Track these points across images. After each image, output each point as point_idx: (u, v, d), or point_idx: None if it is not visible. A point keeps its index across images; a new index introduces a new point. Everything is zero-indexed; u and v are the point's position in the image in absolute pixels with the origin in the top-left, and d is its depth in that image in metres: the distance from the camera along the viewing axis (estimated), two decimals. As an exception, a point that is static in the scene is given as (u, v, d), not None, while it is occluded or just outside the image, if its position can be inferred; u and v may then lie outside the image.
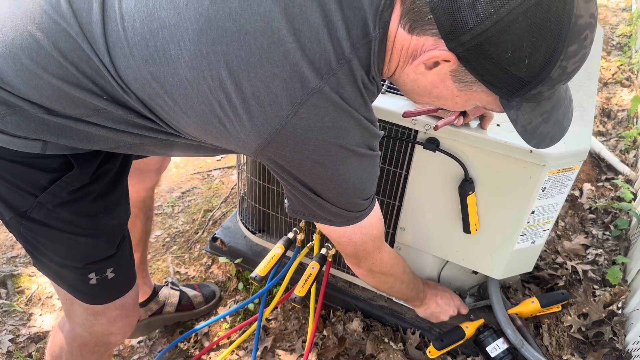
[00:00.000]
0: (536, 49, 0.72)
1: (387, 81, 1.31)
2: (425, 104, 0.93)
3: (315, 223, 1.03)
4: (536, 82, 0.76)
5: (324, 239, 1.58)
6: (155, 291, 1.72)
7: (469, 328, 1.52)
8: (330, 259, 1.52)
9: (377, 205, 1.06)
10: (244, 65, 0.78)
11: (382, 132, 0.93)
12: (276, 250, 1.48)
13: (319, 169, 0.87)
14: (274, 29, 0.77)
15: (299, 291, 1.39)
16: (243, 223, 1.84)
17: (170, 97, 0.82)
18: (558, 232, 1.97)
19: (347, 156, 0.87)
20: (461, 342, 1.52)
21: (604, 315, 1.64)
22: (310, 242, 1.61)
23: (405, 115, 1.20)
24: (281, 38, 0.77)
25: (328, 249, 1.51)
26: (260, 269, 1.44)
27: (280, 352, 1.65)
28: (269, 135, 0.82)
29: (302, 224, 1.56)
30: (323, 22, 0.78)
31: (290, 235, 1.54)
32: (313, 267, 1.43)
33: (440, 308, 1.51)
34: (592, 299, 1.66)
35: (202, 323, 1.75)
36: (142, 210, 1.52)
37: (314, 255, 1.53)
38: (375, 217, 1.05)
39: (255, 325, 1.67)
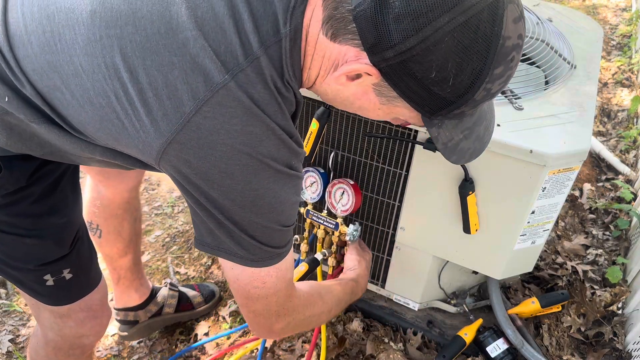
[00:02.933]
0: (461, 71, 0.69)
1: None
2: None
3: (222, 270, 0.88)
4: (460, 102, 0.74)
5: (324, 240, 1.57)
6: (154, 292, 1.71)
7: (468, 334, 1.53)
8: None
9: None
10: (139, 52, 0.71)
11: (304, 151, 0.83)
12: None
13: (227, 180, 0.76)
14: (172, 14, 0.71)
15: None
16: (243, 223, 1.83)
17: (67, 88, 0.76)
18: (558, 232, 1.97)
19: (260, 169, 0.77)
20: (463, 349, 1.53)
21: (603, 315, 1.64)
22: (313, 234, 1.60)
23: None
24: (180, 25, 0.71)
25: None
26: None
27: (280, 352, 1.65)
28: (170, 133, 0.73)
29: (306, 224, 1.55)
30: (229, 12, 0.71)
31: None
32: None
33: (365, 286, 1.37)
34: (592, 299, 1.66)
35: (204, 339, 1.71)
36: (127, 211, 1.47)
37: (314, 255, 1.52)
38: (291, 256, 0.91)
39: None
